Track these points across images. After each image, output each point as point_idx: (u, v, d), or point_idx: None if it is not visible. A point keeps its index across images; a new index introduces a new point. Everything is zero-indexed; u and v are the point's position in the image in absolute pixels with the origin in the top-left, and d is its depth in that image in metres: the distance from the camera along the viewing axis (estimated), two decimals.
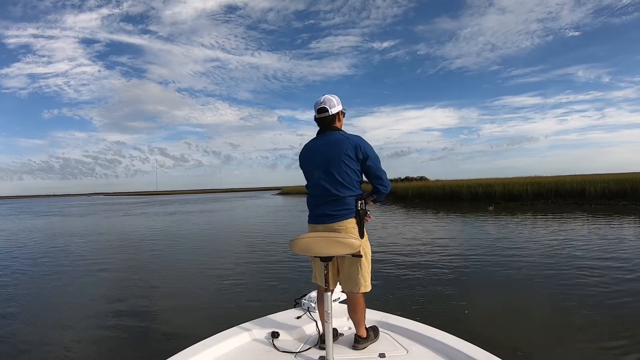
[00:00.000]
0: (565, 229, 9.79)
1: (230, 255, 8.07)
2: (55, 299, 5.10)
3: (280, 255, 7.47)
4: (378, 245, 8.12)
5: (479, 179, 28.20)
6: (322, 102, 1.91)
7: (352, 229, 1.81)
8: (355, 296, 1.88)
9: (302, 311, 2.29)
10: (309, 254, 1.69)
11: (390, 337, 1.96)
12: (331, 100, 1.91)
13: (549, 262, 6.03)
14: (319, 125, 1.96)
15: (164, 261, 7.60)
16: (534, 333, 3.35)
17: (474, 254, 6.92)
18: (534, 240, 8.21)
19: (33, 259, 8.22)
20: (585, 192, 18.50)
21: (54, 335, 3.76)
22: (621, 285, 4.63)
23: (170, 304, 4.69)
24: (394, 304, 4.18)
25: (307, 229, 1.92)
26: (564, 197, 19.27)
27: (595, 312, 3.80)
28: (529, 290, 4.69)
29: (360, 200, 1.84)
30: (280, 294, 4.78)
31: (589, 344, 3.09)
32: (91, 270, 6.85)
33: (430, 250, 7.49)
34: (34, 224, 18.49)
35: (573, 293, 4.43)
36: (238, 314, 3.84)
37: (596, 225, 10.40)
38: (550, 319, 3.70)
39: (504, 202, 20.24)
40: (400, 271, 5.80)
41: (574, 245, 7.38)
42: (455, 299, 4.37)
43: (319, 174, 1.86)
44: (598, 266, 5.63)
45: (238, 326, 2.05)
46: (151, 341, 3.52)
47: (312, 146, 1.94)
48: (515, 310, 4.04)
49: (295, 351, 1.84)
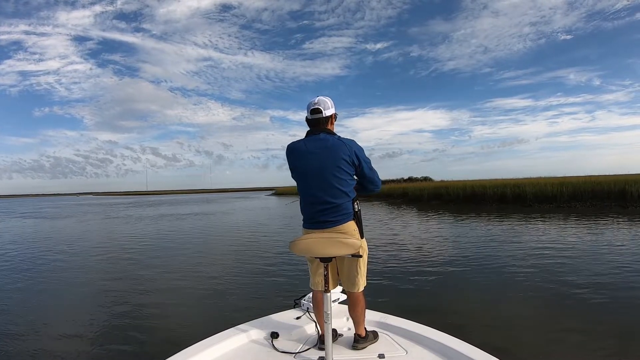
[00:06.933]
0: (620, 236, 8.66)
1: (229, 255, 8.05)
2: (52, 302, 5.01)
3: (280, 256, 7.46)
4: (381, 245, 8.16)
5: (506, 179, 26.61)
6: (316, 103, 1.87)
7: (353, 231, 1.81)
8: (355, 294, 1.89)
9: (301, 312, 2.29)
10: (310, 254, 1.69)
11: (389, 337, 1.96)
12: (325, 102, 1.87)
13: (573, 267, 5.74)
14: (310, 126, 1.90)
15: (163, 261, 7.52)
16: (535, 334, 3.37)
17: (488, 258, 6.78)
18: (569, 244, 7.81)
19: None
20: (625, 193, 16.93)
21: (51, 340, 3.69)
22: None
23: (169, 305, 4.65)
24: (394, 304, 4.20)
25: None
26: (602, 198, 17.61)
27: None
28: (537, 293, 4.59)
29: (356, 201, 1.85)
30: (280, 294, 4.77)
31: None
32: (91, 270, 6.75)
33: (436, 253, 7.47)
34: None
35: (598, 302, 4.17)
36: (237, 314, 3.83)
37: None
38: (557, 323, 3.62)
39: (536, 204, 18.47)
40: (400, 271, 5.83)
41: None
42: (456, 300, 4.43)
43: (314, 180, 1.79)
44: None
45: (237, 326, 2.04)
46: (151, 341, 3.50)
47: (303, 149, 1.83)
48: (517, 312, 4.03)
49: (295, 352, 1.84)
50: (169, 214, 22.73)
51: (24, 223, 19.72)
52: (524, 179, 26.71)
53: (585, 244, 7.73)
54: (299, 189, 1.89)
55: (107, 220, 20.27)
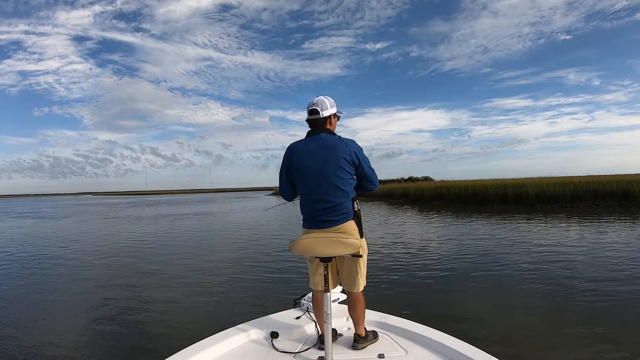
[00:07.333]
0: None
1: (229, 255, 8.04)
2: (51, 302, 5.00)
3: (280, 256, 7.46)
4: (381, 245, 8.15)
5: (507, 179, 26.70)
6: (315, 103, 1.87)
7: (353, 231, 1.81)
8: (355, 294, 1.90)
9: (301, 311, 2.29)
10: (310, 254, 1.69)
11: (389, 337, 1.96)
12: (324, 102, 1.87)
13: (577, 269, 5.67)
14: (310, 127, 1.91)
15: (163, 262, 7.52)
16: (536, 334, 3.37)
17: (490, 258, 6.80)
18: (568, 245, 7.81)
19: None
20: (628, 193, 16.95)
21: (50, 340, 3.68)
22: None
23: (169, 305, 4.65)
24: (394, 304, 4.20)
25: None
26: (604, 198, 17.58)
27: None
28: (538, 294, 4.57)
29: (356, 201, 1.86)
30: (280, 294, 4.78)
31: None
32: (90, 270, 6.74)
33: (437, 253, 7.48)
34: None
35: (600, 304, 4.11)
36: (237, 314, 3.84)
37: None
38: (558, 323, 3.60)
39: (538, 204, 18.33)
40: (400, 271, 5.83)
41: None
42: (456, 300, 4.42)
43: (315, 179, 1.79)
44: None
45: (237, 326, 2.04)
46: (151, 341, 3.50)
47: (304, 149, 1.84)
48: (518, 313, 4.02)
49: (295, 351, 1.84)
50: (168, 214, 22.69)
51: (22, 223, 19.68)
52: (525, 178, 26.71)
53: (588, 244, 7.70)
54: (299, 189, 1.89)
55: (106, 220, 20.21)
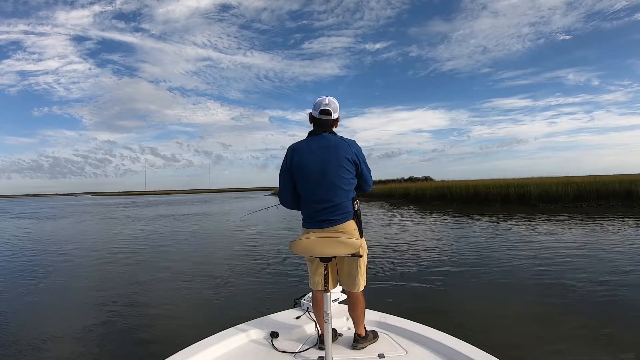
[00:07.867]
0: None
1: (229, 255, 8.03)
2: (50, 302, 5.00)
3: (280, 256, 7.45)
4: (382, 245, 8.15)
5: (509, 179, 26.69)
6: (327, 104, 1.85)
7: (353, 231, 1.82)
8: (355, 294, 1.90)
9: (301, 311, 2.29)
10: (310, 254, 1.69)
11: (389, 337, 1.96)
12: (335, 103, 1.88)
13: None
14: (315, 125, 1.89)
15: (162, 261, 7.51)
16: (536, 334, 3.36)
17: (491, 258, 6.76)
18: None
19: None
20: (631, 193, 16.87)
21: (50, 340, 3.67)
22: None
23: (169, 305, 4.64)
24: (394, 304, 4.20)
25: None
26: (607, 198, 17.50)
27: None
28: (539, 294, 4.55)
29: (356, 201, 1.86)
30: (280, 294, 4.76)
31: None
32: (89, 271, 6.73)
33: (438, 253, 7.45)
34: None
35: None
36: (237, 314, 3.82)
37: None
38: (559, 324, 3.59)
39: (541, 204, 18.17)
40: (400, 271, 5.83)
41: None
42: (456, 300, 4.42)
43: (317, 179, 1.79)
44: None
45: (237, 326, 2.04)
46: (150, 341, 3.49)
47: (306, 148, 1.83)
48: (519, 313, 4.01)
49: (295, 351, 1.84)
50: (167, 215, 22.61)
51: (20, 224, 19.61)
52: (527, 178, 26.67)
53: (592, 244, 7.64)
54: (300, 189, 1.88)
55: (105, 220, 20.14)
